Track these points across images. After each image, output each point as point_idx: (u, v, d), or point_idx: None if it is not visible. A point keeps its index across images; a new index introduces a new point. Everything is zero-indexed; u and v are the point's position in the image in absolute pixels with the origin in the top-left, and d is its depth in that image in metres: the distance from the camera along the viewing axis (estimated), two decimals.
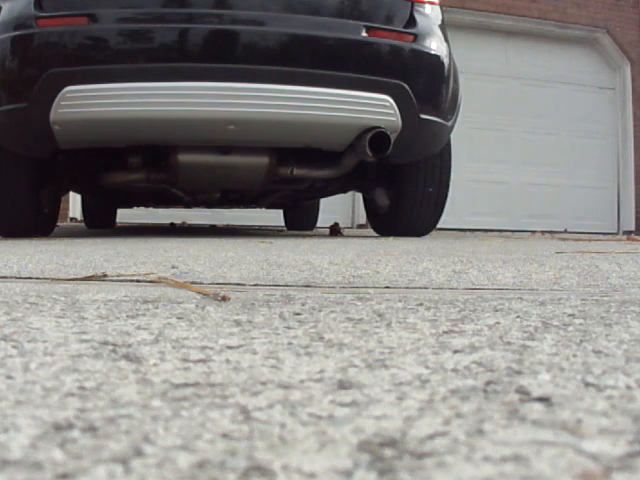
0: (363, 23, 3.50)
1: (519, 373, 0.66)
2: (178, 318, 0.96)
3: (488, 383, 0.62)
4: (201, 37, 3.38)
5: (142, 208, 6.61)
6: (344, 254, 2.25)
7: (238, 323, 0.93)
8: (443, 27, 3.76)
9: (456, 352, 0.75)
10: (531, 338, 0.83)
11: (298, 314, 1.01)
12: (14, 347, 0.76)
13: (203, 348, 0.76)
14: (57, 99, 3.21)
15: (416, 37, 3.57)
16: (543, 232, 7.58)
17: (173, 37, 3.35)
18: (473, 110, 8.69)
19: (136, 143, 3.68)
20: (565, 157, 9.87)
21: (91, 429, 0.49)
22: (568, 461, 0.43)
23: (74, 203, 8.25)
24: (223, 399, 0.57)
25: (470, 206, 9.34)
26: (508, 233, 7.32)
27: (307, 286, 1.38)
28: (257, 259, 1.99)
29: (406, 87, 3.50)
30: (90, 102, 3.24)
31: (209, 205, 5.64)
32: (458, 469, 0.42)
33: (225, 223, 8.16)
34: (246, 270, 1.67)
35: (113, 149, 3.76)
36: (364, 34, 3.48)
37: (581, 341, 0.81)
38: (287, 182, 4.25)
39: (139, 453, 0.44)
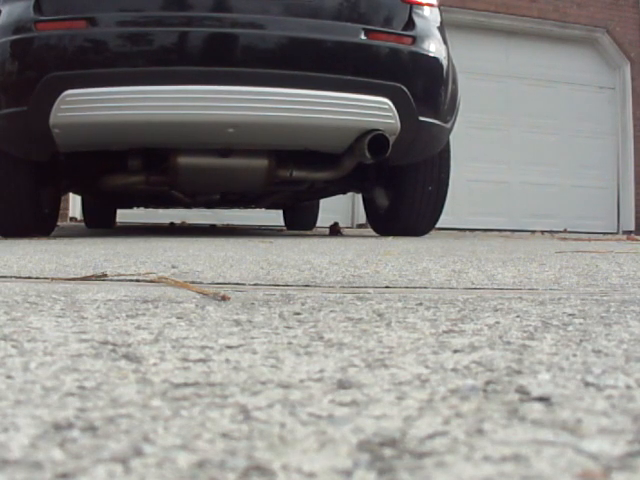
0: (362, 26, 3.50)
1: (519, 373, 0.66)
2: (178, 318, 0.96)
3: (488, 383, 0.62)
4: (200, 40, 3.38)
5: (142, 208, 6.61)
6: (344, 254, 2.25)
7: (238, 323, 0.93)
8: (442, 29, 3.76)
9: (456, 352, 0.75)
10: (531, 338, 0.83)
11: (298, 314, 1.01)
12: (14, 347, 0.76)
13: (203, 348, 0.76)
14: (57, 103, 3.21)
15: (415, 39, 3.57)
16: (543, 232, 7.58)
17: (172, 40, 3.35)
18: (473, 110, 8.69)
19: (136, 146, 3.68)
20: (565, 157, 9.86)
21: (91, 429, 0.49)
22: (568, 461, 0.43)
23: (74, 203, 8.24)
24: (223, 399, 0.57)
25: (470, 206, 9.34)
26: (508, 233, 7.32)
27: (307, 286, 1.38)
28: (257, 259, 1.99)
29: (405, 89, 3.50)
30: (90, 106, 3.24)
31: (209, 206, 5.64)
32: (458, 469, 0.42)
33: (225, 223, 8.16)
34: (246, 270, 1.67)
35: (113, 151, 3.76)
36: (363, 37, 3.49)
37: (581, 341, 0.81)
38: (287, 184, 4.25)
39: (139, 453, 0.44)
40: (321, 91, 3.40)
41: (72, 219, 8.32)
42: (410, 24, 3.60)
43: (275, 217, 7.81)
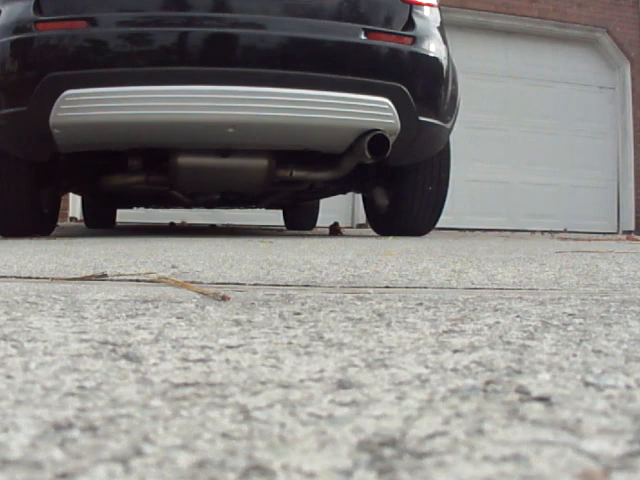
0: (362, 26, 3.50)
1: (519, 373, 0.66)
2: (178, 318, 0.96)
3: (488, 383, 0.62)
4: (200, 40, 3.38)
5: (142, 208, 6.61)
6: (344, 254, 2.25)
7: (238, 323, 0.93)
8: (442, 29, 3.76)
9: (456, 352, 0.75)
10: (531, 338, 0.83)
11: (298, 314, 1.01)
12: (14, 347, 0.76)
13: (203, 348, 0.76)
14: (57, 103, 3.21)
15: (415, 39, 3.57)
16: (543, 232, 7.58)
17: (172, 40, 3.36)
18: (473, 110, 8.69)
19: (136, 146, 3.68)
20: (565, 157, 9.87)
21: (91, 429, 0.49)
22: (568, 461, 0.43)
23: (74, 203, 8.24)
24: (223, 399, 0.57)
25: (470, 206, 9.34)
26: (508, 233, 7.32)
27: (307, 286, 1.38)
28: (257, 259, 1.99)
29: (405, 90, 3.51)
30: (90, 106, 3.24)
31: (209, 206, 5.65)
32: (458, 469, 0.42)
33: (225, 223, 8.16)
34: (246, 270, 1.67)
35: (113, 151, 3.76)
36: (363, 37, 3.49)
37: (581, 341, 0.81)
38: (286, 184, 4.25)
39: (139, 453, 0.44)
40: (321, 91, 3.41)
41: (72, 219, 8.32)
42: (410, 24, 3.60)
43: (275, 217, 7.80)
